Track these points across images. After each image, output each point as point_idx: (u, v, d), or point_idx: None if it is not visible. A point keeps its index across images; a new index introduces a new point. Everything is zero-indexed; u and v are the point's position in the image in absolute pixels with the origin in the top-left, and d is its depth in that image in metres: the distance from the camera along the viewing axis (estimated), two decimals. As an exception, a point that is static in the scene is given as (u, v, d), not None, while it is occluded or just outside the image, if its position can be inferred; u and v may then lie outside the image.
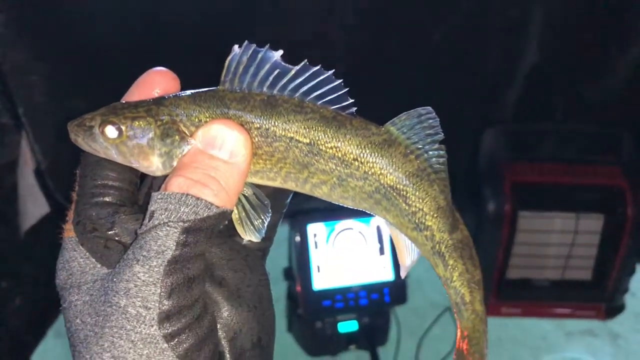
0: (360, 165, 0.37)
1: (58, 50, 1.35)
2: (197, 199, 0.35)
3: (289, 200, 0.44)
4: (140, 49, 1.40)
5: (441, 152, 0.39)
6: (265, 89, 0.37)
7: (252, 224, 0.38)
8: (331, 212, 1.54)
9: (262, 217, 0.38)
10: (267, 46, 0.37)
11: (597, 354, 1.68)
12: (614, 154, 1.63)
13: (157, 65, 0.42)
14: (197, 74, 1.46)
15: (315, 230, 1.49)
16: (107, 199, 0.39)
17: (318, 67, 0.38)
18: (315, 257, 1.48)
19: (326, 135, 0.37)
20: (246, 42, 0.37)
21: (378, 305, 1.51)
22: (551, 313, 1.72)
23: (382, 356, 1.50)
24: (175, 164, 0.38)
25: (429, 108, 0.40)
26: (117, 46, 1.37)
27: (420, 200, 0.38)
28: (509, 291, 1.66)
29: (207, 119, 0.37)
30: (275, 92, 0.37)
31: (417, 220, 0.39)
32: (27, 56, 1.30)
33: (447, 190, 0.40)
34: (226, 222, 0.38)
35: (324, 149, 0.37)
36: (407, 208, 0.38)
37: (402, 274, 0.43)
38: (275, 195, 0.42)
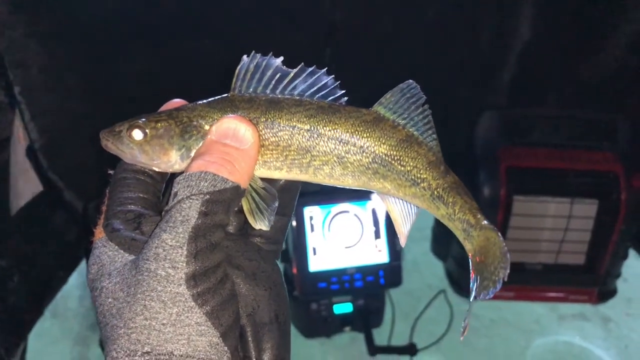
0: (357, 141, 0.43)
1: (54, 28, 1.34)
2: (215, 174, 0.41)
3: (295, 203, 0.50)
4: (137, 26, 1.39)
5: (425, 112, 0.45)
6: (269, 90, 0.44)
7: (261, 213, 0.43)
8: (327, 195, 1.54)
9: (270, 207, 0.43)
10: (270, 54, 0.44)
11: (588, 338, 1.70)
12: (609, 139, 1.63)
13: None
14: (196, 53, 1.46)
15: (312, 213, 1.49)
16: (132, 207, 0.44)
17: (313, 68, 0.44)
18: (311, 240, 1.49)
19: (324, 120, 0.43)
20: (253, 52, 0.44)
21: (373, 287, 1.52)
22: (544, 297, 1.74)
23: (376, 337, 1.52)
24: (192, 155, 0.44)
25: (410, 81, 0.45)
26: (114, 23, 1.37)
27: (413, 160, 0.44)
28: (502, 275, 1.67)
29: (220, 117, 0.44)
30: (277, 92, 0.44)
31: (413, 177, 0.44)
32: (23, 34, 1.29)
33: (435, 146, 0.46)
34: (239, 205, 0.42)
35: (323, 132, 0.43)
36: (402, 169, 0.44)
37: (402, 243, 0.48)
38: (283, 197, 0.47)
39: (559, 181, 1.59)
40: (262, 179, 0.45)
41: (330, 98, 0.44)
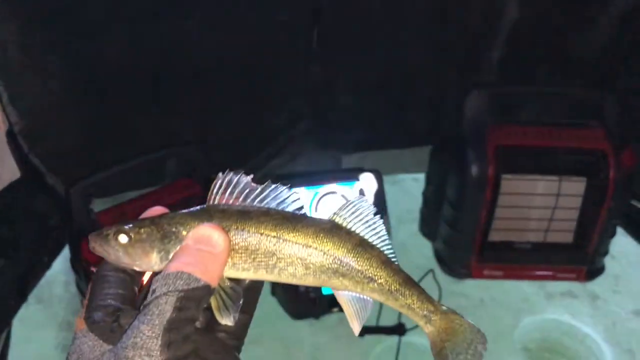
0: (318, 245, 0.49)
1: (32, 8, 1.30)
2: (189, 274, 0.47)
3: (257, 303, 0.55)
4: (120, 5, 1.36)
5: (375, 224, 0.51)
6: (239, 202, 0.51)
7: (227, 310, 0.49)
8: (313, 176, 1.53)
9: (236, 304, 0.49)
10: (242, 172, 0.51)
11: (576, 315, 1.70)
12: (598, 117, 1.62)
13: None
14: (179, 33, 1.41)
15: (298, 195, 1.48)
16: (111, 301, 0.50)
17: (277, 185, 0.51)
18: (298, 221, 1.47)
19: (288, 228, 0.49)
20: (227, 170, 0.51)
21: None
22: (532, 275, 1.74)
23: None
24: (170, 257, 0.50)
25: (361, 197, 0.52)
26: (95, 1, 1.33)
27: (368, 260, 0.50)
28: (491, 254, 1.67)
29: (196, 225, 0.50)
30: (247, 204, 0.51)
31: (369, 274, 0.50)
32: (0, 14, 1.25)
33: (387, 250, 0.52)
34: (208, 302, 0.48)
35: (287, 238, 0.49)
36: (359, 268, 0.50)
37: (356, 332, 0.51)
38: (247, 296, 0.52)
39: (547, 159, 1.58)
40: (230, 279, 0.51)
41: (293, 209, 0.51)
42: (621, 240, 1.82)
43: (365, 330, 1.50)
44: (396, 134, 1.86)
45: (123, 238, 0.50)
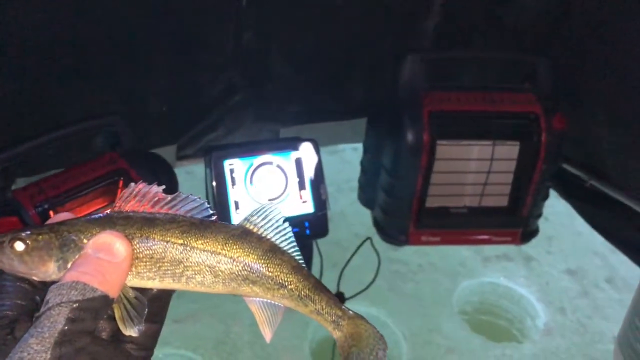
0: (227, 252, 0.48)
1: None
2: (85, 284, 0.45)
3: (166, 311, 0.52)
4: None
5: (285, 230, 0.51)
6: (146, 210, 0.49)
7: (131, 320, 0.47)
8: (248, 146, 1.49)
9: (140, 315, 0.47)
10: (155, 184, 0.49)
11: (512, 277, 1.75)
12: (530, 81, 1.64)
13: None
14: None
15: (232, 166, 1.44)
16: (7, 312, 0.47)
17: (188, 195, 0.50)
18: (233, 194, 1.44)
19: (196, 235, 0.48)
20: (140, 181, 0.49)
21: (299, 238, 1.48)
22: (469, 240, 1.77)
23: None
24: (69, 266, 0.48)
25: (270, 204, 0.52)
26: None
27: (278, 266, 0.49)
28: (428, 220, 1.68)
29: (98, 232, 0.48)
30: (154, 211, 0.49)
31: (280, 280, 0.49)
32: None
33: (297, 256, 0.52)
34: (109, 312, 0.47)
35: (195, 245, 0.48)
36: (269, 274, 0.49)
37: (267, 340, 0.51)
38: (154, 305, 0.50)
39: (481, 124, 1.59)
40: (135, 289, 0.49)
41: (202, 216, 0.49)
42: (554, 203, 1.86)
43: (305, 301, 1.49)
44: (334, 106, 1.84)
45: (19, 245, 0.48)
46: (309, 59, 1.71)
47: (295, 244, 0.52)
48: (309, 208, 1.49)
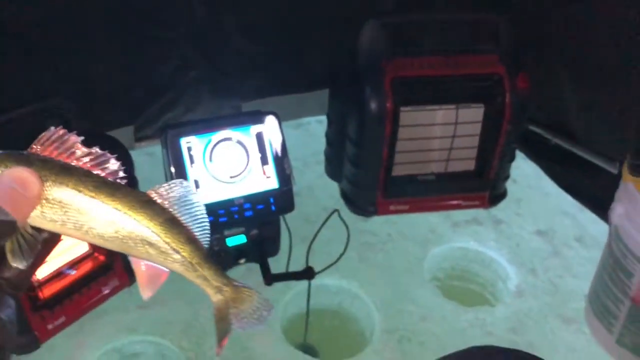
0: (132, 214, 0.51)
1: None
2: None
3: (44, 259, 0.55)
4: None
5: (195, 207, 0.54)
6: (62, 160, 0.50)
7: (21, 253, 0.48)
8: (206, 123, 1.44)
9: (32, 251, 0.49)
10: (74, 133, 0.50)
11: (482, 241, 1.74)
12: (493, 42, 1.61)
13: None
14: None
15: (190, 143, 1.39)
16: None
17: (105, 152, 0.51)
18: (192, 173, 1.39)
19: (106, 193, 0.50)
20: (60, 127, 0.49)
21: (264, 215, 1.46)
22: (438, 206, 1.75)
23: (274, 266, 1.47)
24: None
25: (183, 180, 0.54)
26: None
27: (177, 234, 0.52)
28: (395, 189, 1.66)
29: (13, 167, 0.49)
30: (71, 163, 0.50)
31: (174, 247, 0.53)
32: None
33: (198, 232, 0.54)
34: (5, 240, 0.47)
35: (104, 201, 0.50)
36: (167, 240, 0.52)
37: (145, 298, 0.54)
38: (41, 249, 0.51)
39: (444, 88, 1.56)
40: (33, 227, 0.50)
41: (113, 177, 0.51)
42: (521, 164, 1.86)
43: (274, 278, 1.45)
44: (296, 77, 1.79)
45: None
46: (267, 30, 1.66)
47: (205, 222, 0.55)
48: (273, 184, 1.45)
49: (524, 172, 1.90)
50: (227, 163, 1.42)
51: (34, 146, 0.50)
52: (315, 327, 1.52)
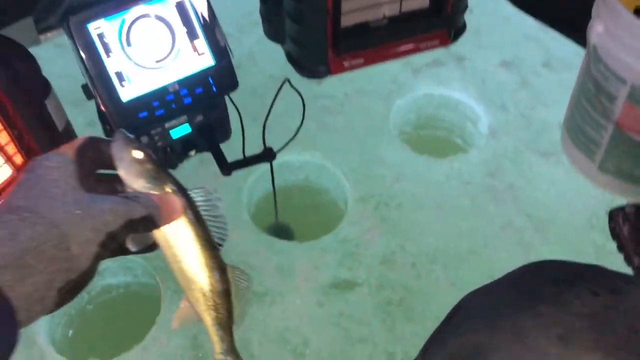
0: (208, 273, 0.63)
1: None
2: (157, 207, 0.57)
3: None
4: None
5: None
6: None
7: (138, 243, 0.59)
8: (114, 0, 1.19)
9: (140, 244, 0.59)
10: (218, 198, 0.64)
11: (446, 82, 1.60)
12: None
13: None
14: None
15: (99, 29, 1.15)
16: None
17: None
18: (112, 65, 1.17)
19: (207, 253, 0.64)
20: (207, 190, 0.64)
21: (205, 98, 1.27)
22: (395, 53, 1.59)
23: (228, 153, 1.32)
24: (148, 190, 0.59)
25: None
26: None
27: (223, 299, 0.64)
28: (347, 42, 1.48)
29: (172, 192, 0.60)
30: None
31: (216, 312, 0.64)
32: None
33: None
34: (141, 231, 0.58)
35: (200, 259, 0.62)
36: (217, 301, 0.64)
37: (173, 327, 0.67)
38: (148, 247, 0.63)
39: None
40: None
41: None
42: (477, -9, 1.68)
43: (232, 166, 1.31)
44: None
45: (138, 154, 0.57)
46: None
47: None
48: (208, 61, 1.25)
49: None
50: (150, 45, 1.20)
51: (193, 195, 0.62)
52: (286, 208, 1.41)
